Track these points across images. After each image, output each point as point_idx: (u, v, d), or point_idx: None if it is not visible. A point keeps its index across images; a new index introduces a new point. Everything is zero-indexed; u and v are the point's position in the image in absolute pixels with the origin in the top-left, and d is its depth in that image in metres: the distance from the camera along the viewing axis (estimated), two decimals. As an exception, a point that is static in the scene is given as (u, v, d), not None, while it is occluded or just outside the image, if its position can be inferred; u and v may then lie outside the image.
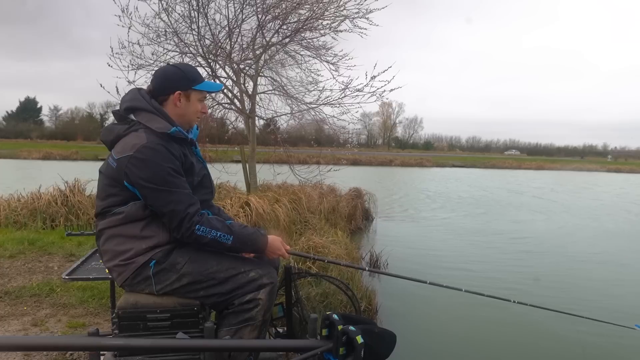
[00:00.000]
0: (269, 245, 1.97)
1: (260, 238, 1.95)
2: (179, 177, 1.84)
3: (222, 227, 1.86)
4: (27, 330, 3.30)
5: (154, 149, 1.80)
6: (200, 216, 1.83)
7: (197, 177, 1.98)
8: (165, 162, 1.80)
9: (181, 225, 1.80)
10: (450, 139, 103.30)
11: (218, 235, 1.83)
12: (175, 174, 1.82)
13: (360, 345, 1.35)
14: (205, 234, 1.82)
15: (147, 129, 1.86)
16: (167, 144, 1.84)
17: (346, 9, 6.34)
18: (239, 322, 1.90)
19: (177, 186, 1.82)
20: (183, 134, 1.92)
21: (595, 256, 8.20)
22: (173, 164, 1.83)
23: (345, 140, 8.28)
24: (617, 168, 55.13)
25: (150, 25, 6.18)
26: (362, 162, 40.13)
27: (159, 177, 1.79)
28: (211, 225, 1.83)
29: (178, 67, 2.03)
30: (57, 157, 34.72)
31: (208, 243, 1.84)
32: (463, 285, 2.34)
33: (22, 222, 6.73)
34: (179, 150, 1.89)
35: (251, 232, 1.94)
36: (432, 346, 4.20)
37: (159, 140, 1.83)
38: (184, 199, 1.81)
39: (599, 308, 5.14)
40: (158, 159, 1.79)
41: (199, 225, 1.81)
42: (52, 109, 68.84)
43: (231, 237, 1.86)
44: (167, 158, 1.81)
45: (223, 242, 1.85)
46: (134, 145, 1.80)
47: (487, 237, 9.56)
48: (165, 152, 1.82)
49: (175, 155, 1.85)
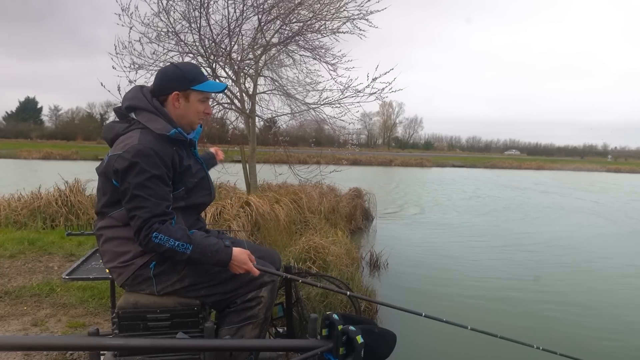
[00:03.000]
0: (233, 258, 1.81)
1: (223, 250, 1.81)
2: (160, 185, 1.78)
3: (182, 237, 1.75)
4: (27, 330, 3.30)
5: (142, 151, 1.76)
6: (161, 224, 1.74)
7: (195, 178, 1.96)
8: (150, 168, 1.75)
9: (140, 232, 1.73)
10: (451, 139, 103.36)
11: (176, 244, 1.73)
12: (155, 181, 1.76)
13: (361, 345, 1.35)
14: (163, 243, 1.72)
15: (145, 129, 1.83)
16: (161, 147, 1.81)
17: (347, 10, 6.34)
18: (241, 320, 1.91)
19: (152, 194, 1.75)
20: (183, 135, 1.89)
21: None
22: (158, 170, 1.77)
23: (345, 140, 8.28)
24: (617, 168, 55.09)
25: (150, 25, 6.18)
26: (362, 162, 40.13)
27: (137, 181, 1.74)
28: (170, 233, 1.73)
29: (178, 66, 1.98)
30: (57, 157, 34.72)
31: (166, 252, 1.75)
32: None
33: (22, 222, 6.73)
34: (172, 153, 1.84)
35: (213, 243, 1.81)
36: (432, 346, 4.20)
37: (154, 142, 1.80)
38: (151, 207, 1.73)
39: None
40: (143, 162, 1.75)
41: (156, 233, 1.72)
42: (52, 109, 68.93)
43: (190, 246, 1.75)
44: (152, 164, 1.76)
45: (181, 251, 1.74)
46: (125, 145, 1.79)
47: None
48: (154, 157, 1.77)
49: (165, 161, 1.80)
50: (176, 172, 1.87)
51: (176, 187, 1.89)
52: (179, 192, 1.90)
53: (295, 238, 5.63)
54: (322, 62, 6.89)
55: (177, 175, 1.88)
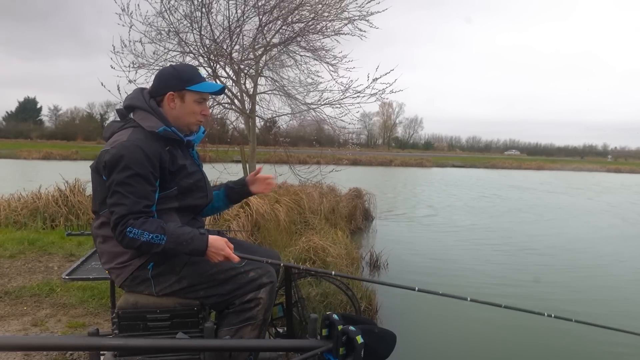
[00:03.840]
0: (210, 245, 1.78)
1: (199, 237, 1.77)
2: (141, 183, 1.77)
3: (156, 229, 1.73)
4: (27, 330, 3.30)
5: (128, 148, 1.77)
6: (136, 220, 1.72)
7: (190, 179, 1.96)
8: (133, 165, 1.75)
9: (115, 228, 1.73)
10: (450, 139, 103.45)
11: (150, 237, 1.71)
12: (137, 179, 1.76)
13: (360, 345, 1.35)
14: (137, 237, 1.71)
15: (138, 128, 1.86)
16: (149, 145, 1.81)
17: (347, 11, 6.35)
18: (239, 322, 1.90)
19: (132, 192, 1.74)
20: (176, 134, 1.90)
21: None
22: (142, 168, 1.77)
23: (345, 140, 8.28)
24: (617, 168, 55.09)
25: (151, 25, 6.19)
26: (362, 162, 40.14)
27: (119, 177, 1.75)
28: (144, 227, 1.72)
29: (174, 67, 2.00)
30: (57, 157, 34.70)
31: (141, 247, 1.73)
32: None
33: (22, 222, 6.73)
34: (160, 151, 1.84)
35: (187, 232, 1.77)
36: (432, 346, 4.20)
37: (142, 139, 1.81)
38: (129, 204, 1.73)
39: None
40: (128, 159, 1.75)
41: (130, 227, 1.70)
42: (52, 109, 68.96)
43: (164, 237, 1.72)
44: (137, 161, 1.76)
45: (156, 243, 1.72)
46: (115, 142, 1.82)
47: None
48: (139, 154, 1.77)
49: (152, 159, 1.80)
50: (166, 170, 1.86)
51: (168, 186, 1.89)
52: (171, 191, 1.90)
53: (295, 238, 5.63)
54: (323, 63, 6.90)
55: (169, 174, 1.88)
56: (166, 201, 1.89)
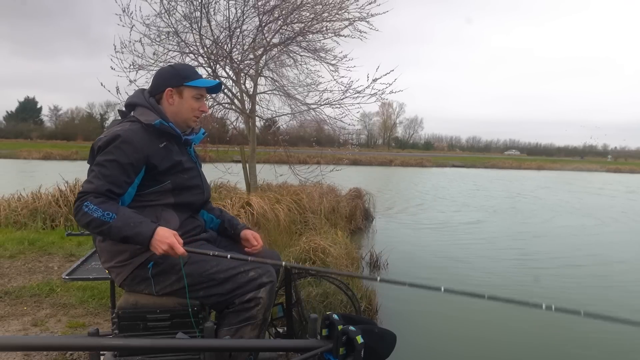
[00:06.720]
0: (156, 233, 1.73)
1: (148, 223, 1.76)
2: (118, 170, 1.79)
3: (111, 208, 1.74)
4: (27, 330, 3.30)
5: (118, 136, 1.81)
6: (96, 198, 1.75)
7: (186, 175, 1.98)
8: (116, 152, 1.79)
9: (75, 202, 1.77)
10: (450, 139, 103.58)
11: (102, 214, 1.71)
12: (115, 165, 1.79)
13: (360, 345, 1.35)
14: (90, 212, 1.72)
15: (135, 122, 1.90)
16: (141, 137, 1.85)
17: (348, 12, 6.35)
18: (239, 322, 1.90)
19: (105, 175, 1.78)
20: (174, 130, 1.94)
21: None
22: (124, 158, 1.79)
23: (345, 140, 8.29)
24: (617, 168, 55.04)
25: (151, 26, 6.19)
26: (362, 162, 40.14)
27: (101, 159, 1.81)
28: (100, 205, 1.73)
29: (172, 66, 2.09)
30: (57, 157, 34.70)
31: (91, 222, 1.73)
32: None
33: (22, 222, 6.73)
34: (151, 144, 1.86)
35: (140, 217, 1.77)
36: (432, 346, 4.20)
37: (135, 131, 1.85)
38: (97, 184, 1.77)
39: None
40: (113, 146, 1.80)
41: (88, 202, 1.73)
42: (52, 109, 69.03)
43: (115, 215, 1.72)
44: (121, 149, 1.80)
45: (106, 220, 1.71)
46: (109, 132, 1.87)
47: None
48: (126, 144, 1.81)
49: (139, 151, 1.82)
50: (157, 165, 1.88)
51: (161, 179, 1.92)
52: (165, 184, 1.92)
53: (295, 238, 5.63)
54: (324, 63, 6.91)
55: (162, 169, 1.90)
56: (161, 196, 1.92)
